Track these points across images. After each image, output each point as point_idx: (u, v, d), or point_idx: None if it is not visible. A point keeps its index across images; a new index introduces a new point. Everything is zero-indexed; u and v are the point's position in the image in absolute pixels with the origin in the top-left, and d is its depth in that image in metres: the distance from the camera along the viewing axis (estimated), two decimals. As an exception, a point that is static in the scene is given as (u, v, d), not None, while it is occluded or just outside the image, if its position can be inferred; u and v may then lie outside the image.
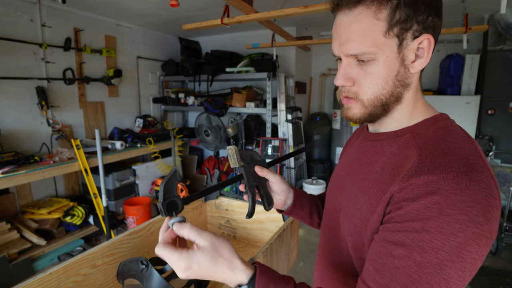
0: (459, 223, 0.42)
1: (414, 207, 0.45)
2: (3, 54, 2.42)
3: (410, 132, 0.55)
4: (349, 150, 0.73)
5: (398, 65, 0.52)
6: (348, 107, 0.58)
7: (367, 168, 0.58)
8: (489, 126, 3.24)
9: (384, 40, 0.50)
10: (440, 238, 0.42)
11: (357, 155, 0.65)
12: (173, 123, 4.33)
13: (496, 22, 3.03)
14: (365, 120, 0.57)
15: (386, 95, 0.53)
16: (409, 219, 0.45)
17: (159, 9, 2.90)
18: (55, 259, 2.49)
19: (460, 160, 0.46)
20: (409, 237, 0.45)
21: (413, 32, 0.50)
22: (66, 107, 2.91)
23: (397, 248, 0.46)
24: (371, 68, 0.52)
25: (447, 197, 0.43)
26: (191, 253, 0.51)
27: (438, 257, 0.42)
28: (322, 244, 0.73)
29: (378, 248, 0.49)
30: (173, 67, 3.83)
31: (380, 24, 0.49)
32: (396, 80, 0.53)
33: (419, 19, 0.49)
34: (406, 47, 0.51)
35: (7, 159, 2.25)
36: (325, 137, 4.12)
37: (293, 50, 3.79)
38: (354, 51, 0.51)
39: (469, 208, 0.42)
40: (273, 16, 1.93)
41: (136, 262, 0.86)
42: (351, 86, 0.55)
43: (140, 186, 3.20)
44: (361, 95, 0.54)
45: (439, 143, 0.50)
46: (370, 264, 0.49)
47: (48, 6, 2.69)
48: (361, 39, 0.50)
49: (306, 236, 2.97)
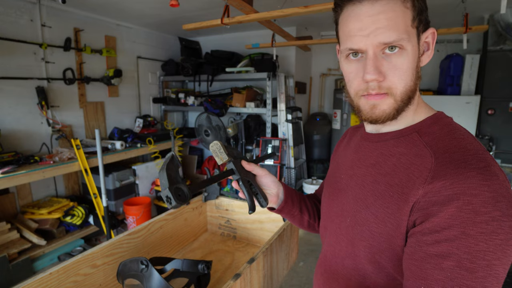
0: (496, 220, 0.42)
1: (448, 212, 0.44)
2: (3, 54, 2.42)
3: (416, 131, 0.54)
4: (346, 152, 0.70)
5: (417, 57, 0.52)
6: (374, 105, 0.54)
7: (375, 170, 0.57)
8: (489, 126, 3.24)
9: (411, 29, 0.50)
10: (484, 239, 0.42)
11: (359, 157, 0.63)
12: (173, 123, 4.33)
13: (496, 22, 3.03)
14: (393, 117, 0.54)
15: (413, 87, 0.53)
16: (447, 226, 0.44)
17: (159, 9, 2.90)
18: (55, 259, 2.49)
19: (475, 156, 0.46)
20: (454, 245, 0.44)
21: (423, 26, 0.52)
22: (66, 107, 2.91)
23: (445, 260, 0.44)
24: (400, 59, 0.50)
25: (477, 196, 0.43)
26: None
27: (487, 258, 0.42)
28: (324, 250, 0.71)
29: (424, 265, 0.46)
30: (173, 67, 3.83)
31: (409, 12, 0.50)
32: (416, 72, 0.53)
33: (424, 14, 0.52)
34: (420, 39, 0.52)
35: (7, 159, 2.25)
36: (325, 137, 4.12)
37: (293, 50, 3.79)
38: (390, 38, 0.49)
39: (499, 203, 0.43)
40: (273, 16, 1.93)
41: (136, 262, 0.86)
42: (381, 81, 0.51)
43: (140, 186, 3.20)
44: (395, 89, 0.52)
45: (447, 141, 0.50)
46: (421, 283, 0.47)
47: (48, 6, 2.69)
48: (396, 25, 0.49)
49: (306, 236, 2.97)
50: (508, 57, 3.06)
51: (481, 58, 3.18)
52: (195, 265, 0.95)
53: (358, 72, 0.53)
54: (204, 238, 1.51)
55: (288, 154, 3.35)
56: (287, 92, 3.45)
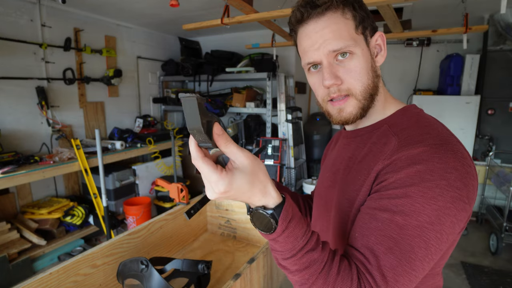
0: (439, 188, 0.46)
1: (397, 176, 0.50)
2: (3, 54, 2.42)
3: (386, 123, 0.61)
4: (331, 153, 0.76)
5: (370, 58, 0.59)
6: (340, 109, 0.60)
7: (351, 161, 0.63)
8: (489, 126, 3.24)
9: (356, 35, 0.57)
10: (421, 201, 0.46)
11: (339, 153, 0.69)
12: (173, 123, 4.33)
13: (496, 22, 3.03)
14: (360, 116, 0.61)
15: (371, 85, 0.59)
16: (392, 188, 0.50)
17: (159, 9, 2.90)
18: (55, 259, 2.49)
19: (436, 137, 0.52)
20: (392, 202, 0.49)
21: (369, 31, 0.59)
22: (66, 107, 2.91)
23: (381, 212, 0.49)
24: (353, 62, 0.57)
25: (427, 165, 0.48)
26: (230, 175, 0.44)
27: (419, 219, 0.46)
28: None
29: (363, 216, 0.52)
30: (173, 67, 3.83)
31: (350, 22, 0.57)
32: (372, 71, 0.59)
33: (368, 21, 0.59)
34: (369, 43, 0.59)
35: (7, 159, 2.24)
36: (325, 137, 4.11)
37: (293, 50, 3.78)
38: (337, 47, 0.56)
39: (448, 174, 0.47)
40: (273, 16, 1.93)
41: (136, 262, 0.86)
42: (340, 84, 0.58)
43: (140, 186, 3.20)
44: (353, 90, 0.58)
45: (414, 129, 0.55)
46: (356, 231, 0.52)
47: (48, 6, 2.69)
48: (340, 35, 0.56)
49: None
50: (508, 57, 3.06)
51: (481, 58, 3.18)
52: (195, 265, 0.95)
53: (319, 81, 0.60)
54: (204, 238, 1.51)
55: (288, 154, 3.34)
56: (287, 92, 3.45)
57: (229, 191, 0.44)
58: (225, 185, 0.43)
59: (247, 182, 0.45)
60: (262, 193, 0.46)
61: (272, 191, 0.47)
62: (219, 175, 0.43)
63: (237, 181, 0.44)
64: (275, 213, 0.46)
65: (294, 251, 0.47)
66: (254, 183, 0.45)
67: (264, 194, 0.46)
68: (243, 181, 0.44)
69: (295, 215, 0.48)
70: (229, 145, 0.45)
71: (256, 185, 0.46)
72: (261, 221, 0.47)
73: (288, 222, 0.46)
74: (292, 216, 0.47)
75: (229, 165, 0.46)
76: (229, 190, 0.44)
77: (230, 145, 0.45)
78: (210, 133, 0.44)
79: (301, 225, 0.48)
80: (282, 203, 0.47)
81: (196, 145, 0.45)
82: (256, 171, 0.46)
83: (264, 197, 0.47)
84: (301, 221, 0.48)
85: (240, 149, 0.45)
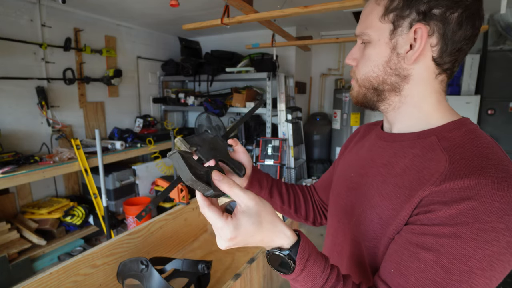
0: (495, 232, 0.40)
1: (447, 211, 0.42)
2: (3, 54, 2.41)
3: (435, 135, 0.52)
4: (359, 150, 0.68)
5: (389, 51, 0.53)
6: (352, 87, 0.62)
7: (385, 170, 0.55)
8: (489, 126, 3.24)
9: (379, 24, 0.53)
10: (473, 245, 0.40)
11: (372, 156, 0.61)
12: (173, 123, 4.33)
13: (496, 22, 3.03)
14: (361, 101, 0.60)
15: (377, 79, 0.55)
16: (439, 223, 0.43)
17: (159, 9, 2.90)
18: (55, 259, 2.49)
19: (497, 165, 0.43)
20: (439, 242, 0.42)
21: (411, 21, 0.50)
22: (66, 107, 2.91)
23: (424, 252, 0.43)
24: (367, 50, 0.56)
25: (485, 203, 0.41)
26: (235, 220, 0.44)
27: (468, 264, 0.41)
28: (329, 249, 0.70)
29: (402, 250, 0.46)
30: (173, 67, 3.83)
31: (379, 9, 0.53)
32: (388, 68, 0.53)
33: (419, 9, 0.48)
34: (401, 35, 0.51)
35: (7, 159, 2.25)
36: (325, 137, 4.12)
37: (293, 50, 3.78)
38: (357, 31, 0.57)
39: (508, 216, 0.40)
40: (273, 16, 1.93)
41: (136, 262, 0.86)
42: (354, 66, 0.60)
43: (140, 186, 3.20)
44: (357, 74, 0.59)
45: (469, 148, 0.47)
46: (392, 265, 0.46)
47: (48, 6, 2.69)
48: (363, 20, 0.55)
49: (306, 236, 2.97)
50: (508, 57, 3.06)
51: (481, 58, 3.18)
52: (195, 265, 0.95)
53: None
54: (204, 238, 1.51)
55: (288, 154, 3.34)
56: (287, 92, 3.45)
57: (236, 236, 0.44)
58: (230, 230, 0.43)
59: (253, 224, 0.44)
60: (273, 233, 0.46)
61: (285, 230, 0.46)
62: (224, 221, 0.43)
63: (242, 225, 0.44)
64: (291, 253, 0.45)
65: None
66: (261, 224, 0.45)
67: (276, 234, 0.46)
68: (249, 223, 0.44)
69: (312, 253, 0.47)
70: (233, 188, 0.45)
71: (264, 226, 0.45)
72: (278, 263, 0.47)
73: (305, 261, 0.45)
74: (310, 254, 0.46)
75: (235, 211, 0.45)
76: (236, 236, 0.44)
77: (234, 188, 0.45)
78: (210, 181, 0.46)
79: (319, 263, 0.47)
80: (297, 241, 0.46)
81: (201, 194, 0.46)
82: (260, 212, 0.45)
83: (277, 237, 0.46)
84: (319, 258, 0.47)
85: (244, 191, 0.45)
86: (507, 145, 3.21)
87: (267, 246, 0.47)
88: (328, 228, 0.73)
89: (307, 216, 0.85)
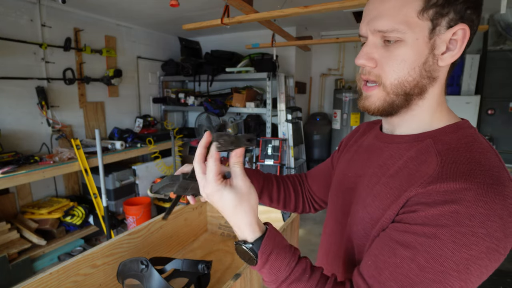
0: (475, 236, 0.40)
1: (429, 212, 0.43)
2: (3, 54, 2.42)
3: (431, 137, 0.51)
4: (358, 149, 0.68)
5: (427, 52, 0.48)
6: (366, 96, 0.54)
7: (381, 172, 0.55)
8: (489, 126, 3.24)
9: (417, 20, 0.46)
10: (451, 247, 0.40)
11: (369, 157, 0.61)
12: (173, 123, 4.33)
13: (496, 22, 3.03)
14: (384, 111, 0.53)
15: (411, 84, 0.50)
16: (421, 223, 0.43)
17: (159, 9, 2.90)
18: (55, 259, 2.49)
19: (486, 171, 0.43)
20: (418, 240, 0.43)
21: (449, 21, 0.47)
22: (66, 107, 2.91)
23: (402, 248, 0.44)
24: (398, 50, 0.48)
25: (468, 208, 0.40)
26: (222, 186, 0.49)
27: (444, 265, 0.41)
28: (326, 248, 0.70)
29: (382, 245, 0.47)
30: (173, 67, 3.83)
31: (416, 2, 0.46)
32: (424, 70, 0.49)
33: (457, 8, 0.46)
34: (439, 35, 0.47)
35: (7, 159, 2.25)
36: (325, 137, 4.12)
37: (293, 50, 3.79)
38: (383, 27, 0.48)
39: (490, 222, 0.40)
40: (273, 16, 1.93)
41: (136, 262, 0.86)
42: (373, 67, 0.51)
43: (140, 186, 3.20)
44: (384, 78, 0.50)
45: (462, 152, 0.47)
46: (370, 258, 0.47)
47: (48, 6, 2.69)
48: (393, 14, 0.47)
49: (306, 236, 2.97)
50: (508, 57, 3.06)
51: (481, 58, 3.18)
52: (195, 265, 0.95)
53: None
54: (204, 238, 1.51)
55: (288, 154, 3.34)
56: (287, 92, 3.45)
57: (213, 195, 0.49)
58: (212, 188, 0.48)
59: (231, 200, 0.48)
60: (243, 223, 0.49)
61: (253, 224, 0.49)
62: (216, 178, 0.48)
63: (224, 195, 0.48)
64: (254, 247, 0.48)
65: (278, 283, 0.48)
66: (236, 207, 0.48)
67: (245, 225, 0.49)
68: (228, 197, 0.48)
69: (276, 247, 0.48)
70: (239, 166, 0.50)
71: (238, 210, 0.48)
72: (243, 255, 0.50)
73: (268, 255, 0.48)
74: (273, 249, 0.48)
75: (229, 180, 0.49)
76: (213, 195, 0.49)
77: (239, 166, 0.49)
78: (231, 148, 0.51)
79: (284, 257, 0.48)
80: (261, 237, 0.49)
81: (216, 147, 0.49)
82: (243, 197, 0.49)
83: (245, 228, 0.49)
84: (285, 252, 0.49)
85: (244, 174, 0.49)
86: (507, 145, 3.21)
87: (237, 234, 0.50)
88: (324, 227, 0.73)
89: (296, 207, 0.87)
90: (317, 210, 0.90)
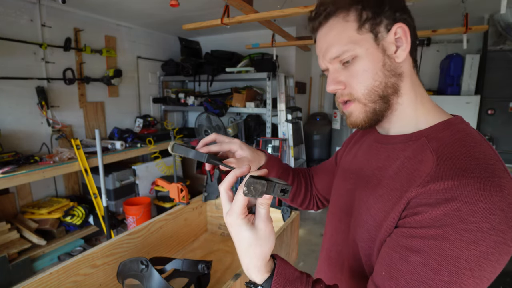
0: (481, 232, 0.41)
1: (433, 213, 0.44)
2: (3, 54, 2.42)
3: (424, 136, 0.54)
4: (358, 151, 0.70)
5: (381, 56, 0.54)
6: (349, 114, 0.58)
7: (380, 173, 0.57)
8: (489, 126, 3.24)
9: (358, 36, 0.53)
10: (460, 246, 0.41)
11: (368, 158, 0.63)
12: (173, 123, 4.33)
13: (496, 22, 3.03)
14: (371, 120, 0.57)
15: (381, 86, 0.54)
16: (426, 225, 0.44)
17: (159, 9, 2.90)
18: (55, 259, 2.49)
19: (481, 165, 0.44)
20: (427, 244, 0.43)
21: (386, 26, 0.54)
22: (66, 107, 2.91)
23: (413, 254, 0.44)
24: (357, 65, 0.54)
25: (469, 203, 0.41)
26: (243, 220, 0.46)
27: (457, 265, 0.41)
28: (328, 248, 0.70)
29: (392, 253, 0.47)
30: (173, 67, 3.83)
31: (351, 24, 0.54)
32: (386, 70, 0.54)
33: (386, 14, 0.53)
34: (383, 39, 0.54)
35: (7, 159, 2.25)
36: (325, 137, 4.12)
37: (293, 50, 3.79)
38: (336, 53, 0.55)
39: (492, 215, 0.41)
40: (273, 16, 1.93)
41: (136, 262, 0.86)
42: (343, 89, 0.57)
43: (140, 186, 3.20)
44: (356, 93, 0.56)
45: (456, 147, 0.48)
46: (383, 268, 0.48)
47: (48, 6, 2.69)
48: (338, 40, 0.54)
49: (306, 236, 2.97)
50: (508, 57, 3.06)
51: (481, 58, 3.18)
52: (195, 265, 0.95)
53: None
54: (204, 238, 1.51)
55: (288, 154, 3.34)
56: (287, 92, 3.45)
57: (233, 228, 0.47)
58: (235, 223, 0.46)
59: (247, 239, 0.46)
60: (252, 266, 0.47)
61: (262, 268, 0.47)
62: (241, 213, 0.46)
63: (243, 232, 0.46)
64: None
65: None
66: (251, 249, 0.46)
67: (253, 269, 0.47)
68: (246, 237, 0.46)
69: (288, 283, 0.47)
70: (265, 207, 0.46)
71: (250, 255, 0.46)
72: None
73: None
74: (284, 285, 0.47)
75: (253, 217, 0.47)
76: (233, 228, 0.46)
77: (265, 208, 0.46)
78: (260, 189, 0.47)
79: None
80: (270, 277, 0.47)
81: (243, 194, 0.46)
82: (259, 245, 0.46)
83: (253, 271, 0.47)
84: (297, 285, 0.48)
85: (268, 217, 0.47)
86: (507, 145, 3.21)
87: (246, 273, 0.49)
88: (326, 227, 0.73)
89: (302, 203, 0.87)
90: (319, 208, 0.91)
